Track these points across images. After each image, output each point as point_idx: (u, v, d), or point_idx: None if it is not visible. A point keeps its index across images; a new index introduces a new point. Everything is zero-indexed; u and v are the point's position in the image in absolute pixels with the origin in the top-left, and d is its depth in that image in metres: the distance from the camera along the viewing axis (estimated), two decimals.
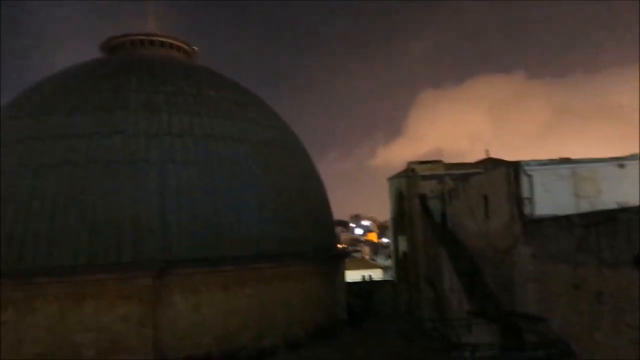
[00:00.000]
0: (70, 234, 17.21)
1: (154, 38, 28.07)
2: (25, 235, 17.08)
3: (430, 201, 25.00)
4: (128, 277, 16.88)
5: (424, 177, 25.51)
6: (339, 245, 38.28)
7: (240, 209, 20.07)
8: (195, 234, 18.58)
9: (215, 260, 18.34)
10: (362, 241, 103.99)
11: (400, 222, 29.14)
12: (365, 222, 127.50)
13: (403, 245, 28.81)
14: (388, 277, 44.42)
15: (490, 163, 26.09)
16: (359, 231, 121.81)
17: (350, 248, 72.02)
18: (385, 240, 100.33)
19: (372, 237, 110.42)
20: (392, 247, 32.65)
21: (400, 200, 29.26)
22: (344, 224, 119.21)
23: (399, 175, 29.49)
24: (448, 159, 29.64)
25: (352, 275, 38.27)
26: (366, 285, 32.77)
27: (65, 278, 16.60)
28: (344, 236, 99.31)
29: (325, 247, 23.86)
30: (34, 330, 15.97)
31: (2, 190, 18.06)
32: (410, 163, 27.14)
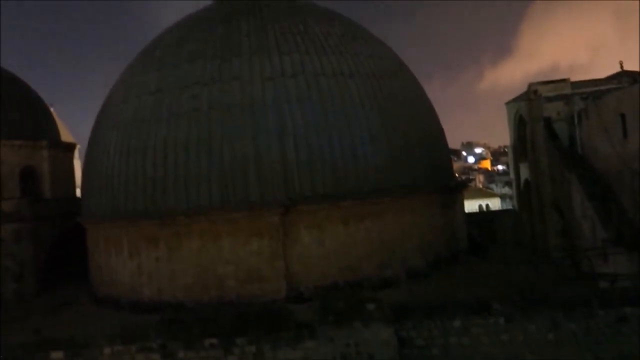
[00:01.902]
0: (203, 177, 18.68)
1: None
2: (165, 180, 18.88)
3: (555, 124, 23.24)
4: (257, 215, 18.13)
5: (549, 99, 23.61)
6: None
7: (355, 144, 20.21)
8: (314, 172, 19.19)
9: (335, 196, 18.91)
10: (475, 169, 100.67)
11: (522, 148, 27.56)
12: (477, 150, 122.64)
13: (525, 173, 27.38)
14: (507, 206, 42.90)
15: (626, 77, 23.39)
16: (471, 159, 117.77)
17: (463, 177, 70.07)
18: (500, 167, 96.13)
19: (486, 164, 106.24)
20: (512, 175, 31.21)
21: (520, 125, 27.52)
22: (455, 152, 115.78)
23: (518, 99, 27.58)
24: (567, 75, 27.03)
25: (469, 205, 37.42)
26: (486, 214, 31.95)
27: (201, 217, 18.29)
28: (455, 165, 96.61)
29: (442, 178, 23.45)
30: (182, 264, 17.99)
31: (141, 140, 19.91)
32: (531, 84, 25.16)
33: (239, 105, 19.75)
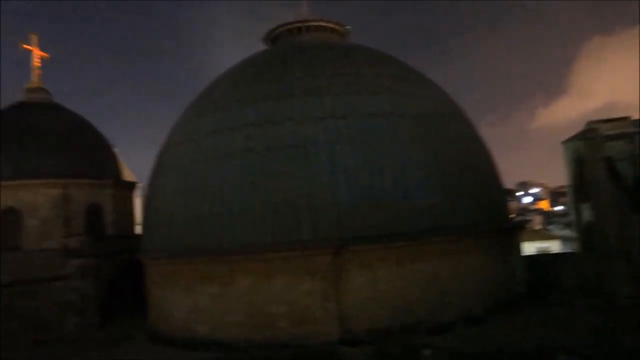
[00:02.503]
0: (256, 216, 19.02)
1: (308, 24, 29.18)
2: (220, 218, 19.35)
3: (618, 164, 22.28)
4: (308, 255, 18.16)
5: (609, 137, 22.78)
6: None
7: (407, 184, 20.10)
8: (366, 212, 19.13)
9: (387, 237, 18.71)
10: (531, 210, 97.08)
11: (581, 188, 26.49)
12: (533, 190, 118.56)
13: (586, 214, 26.21)
14: (567, 249, 40.90)
15: None
16: (526, 199, 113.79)
17: (519, 218, 67.68)
18: (558, 208, 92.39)
19: (543, 205, 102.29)
20: (572, 217, 29.91)
21: (579, 164, 26.56)
22: (510, 193, 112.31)
23: (575, 138, 26.72)
24: (624, 114, 25.99)
25: (527, 248, 35.98)
26: (545, 257, 30.58)
27: (255, 255, 18.53)
28: (510, 205, 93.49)
29: (498, 218, 22.81)
30: (235, 302, 18.16)
31: (198, 180, 20.63)
32: (590, 122, 24.42)
33: (292, 146, 20.18)
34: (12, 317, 22.21)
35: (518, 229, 25.22)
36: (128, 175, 35.72)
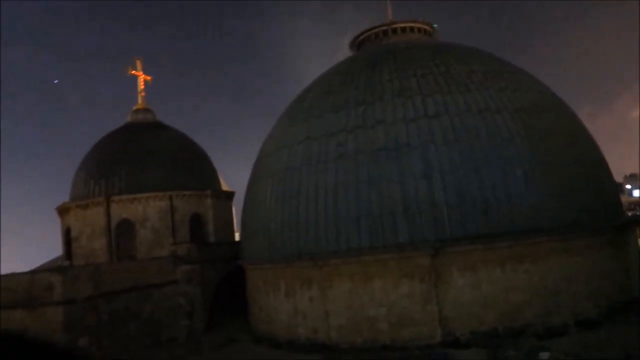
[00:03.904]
0: (352, 220, 19.18)
1: (394, 26, 29.02)
2: (317, 223, 19.74)
3: None
4: (406, 257, 17.99)
5: None
6: None
7: (507, 181, 19.28)
8: (464, 212, 18.61)
9: (487, 237, 18.06)
10: None
11: None
12: None
13: None
14: None
15: None
16: (637, 193, 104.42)
17: (630, 213, 62.24)
18: None
19: None
20: None
21: None
22: (619, 186, 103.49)
23: None
24: None
25: None
26: None
27: (352, 259, 18.67)
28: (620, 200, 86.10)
29: (610, 215, 21.16)
30: (335, 305, 18.40)
31: (293, 187, 21.20)
32: None
33: (384, 149, 20.13)
34: (130, 320, 24.06)
35: (633, 224, 23.24)
36: (225, 185, 37.51)
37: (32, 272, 23.34)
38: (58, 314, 19.59)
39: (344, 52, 31.08)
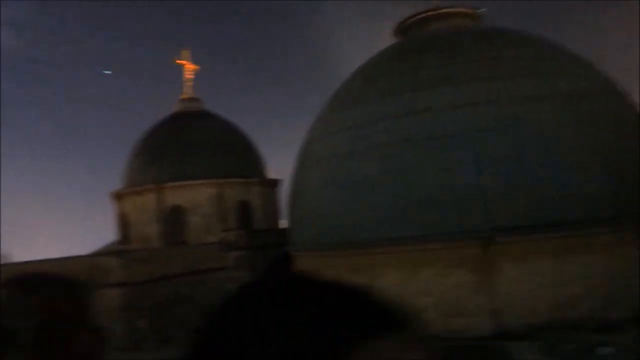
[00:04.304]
0: (400, 208, 19.19)
1: (439, 11, 28.41)
2: (364, 211, 19.84)
3: None
4: (455, 247, 17.89)
5: None
6: None
7: (560, 170, 18.78)
8: (515, 201, 18.28)
9: (540, 227, 17.69)
10: None
11: None
12: None
13: None
14: None
15: None
16: None
17: None
18: None
19: None
20: None
21: None
22: None
23: None
24: None
25: None
26: None
27: (400, 248, 18.72)
28: None
29: None
30: (384, 294, 18.49)
31: (340, 175, 21.34)
32: None
33: (432, 137, 19.95)
34: (183, 303, 25.02)
35: None
36: (271, 172, 38.08)
37: (92, 256, 24.60)
38: (117, 296, 20.62)
39: (388, 40, 30.67)
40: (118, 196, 33.32)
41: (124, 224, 32.30)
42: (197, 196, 29.89)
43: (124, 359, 13.88)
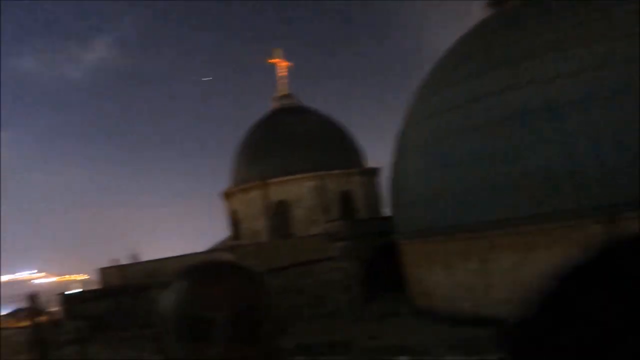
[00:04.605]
0: (510, 188, 18.24)
1: None
2: (472, 193, 19.15)
3: None
4: (574, 226, 16.63)
5: None
6: None
7: None
8: (636, 175, 16.61)
9: None
10: None
11: None
12: None
13: None
14: None
15: None
16: None
17: None
18: None
19: None
20: None
21: None
22: None
23: None
24: None
25: None
26: None
27: (512, 229, 17.82)
28: None
29: None
30: (497, 278, 17.80)
31: (443, 156, 20.76)
32: None
33: (539, 109, 18.70)
34: (293, 294, 25.87)
35: None
36: (370, 161, 38.05)
37: (208, 252, 26.27)
38: None
39: (481, 15, 29.16)
40: (227, 195, 35.21)
41: (235, 220, 34.08)
42: (300, 190, 30.73)
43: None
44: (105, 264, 26.49)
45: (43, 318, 22.68)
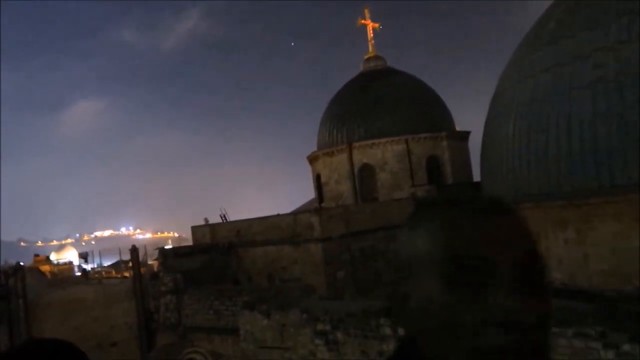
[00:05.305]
0: (616, 153, 16.60)
1: None
2: (571, 159, 17.69)
3: None
4: None
5: None
6: None
7: None
8: None
9: None
10: None
11: None
12: None
13: None
14: None
15: None
16: None
17: None
18: None
19: None
20: None
21: None
22: None
23: None
24: None
25: None
26: None
27: (616, 197, 16.28)
28: None
29: None
30: (595, 248, 16.46)
31: (541, 120, 19.27)
32: None
33: None
34: (377, 257, 25.83)
35: None
36: (459, 126, 36.49)
37: (294, 214, 26.79)
38: (319, 250, 22.17)
39: None
40: (313, 158, 35.51)
41: (320, 184, 34.41)
42: (385, 153, 30.20)
43: (332, 306, 14.91)
44: (197, 223, 27.92)
45: (142, 270, 24.57)
